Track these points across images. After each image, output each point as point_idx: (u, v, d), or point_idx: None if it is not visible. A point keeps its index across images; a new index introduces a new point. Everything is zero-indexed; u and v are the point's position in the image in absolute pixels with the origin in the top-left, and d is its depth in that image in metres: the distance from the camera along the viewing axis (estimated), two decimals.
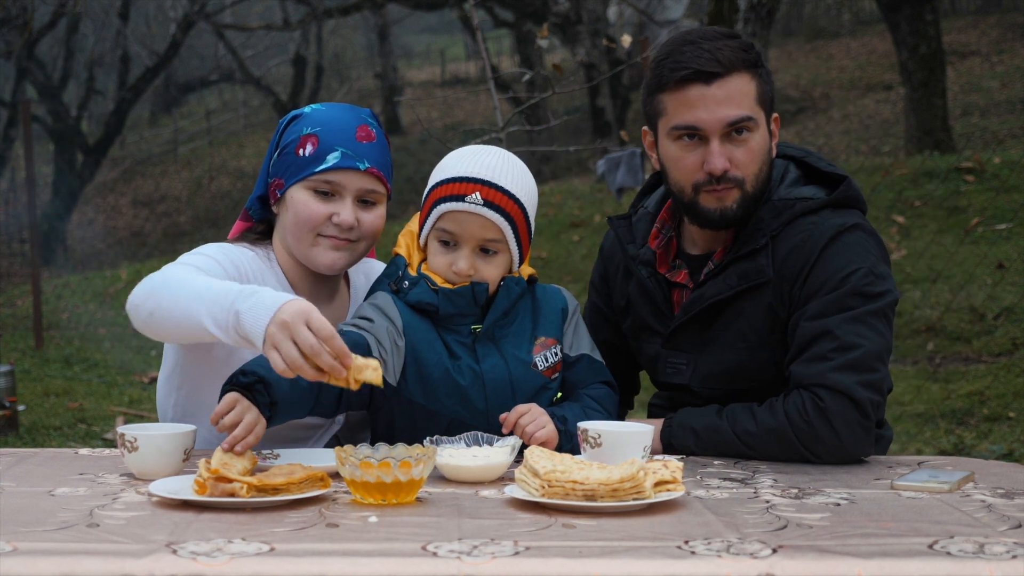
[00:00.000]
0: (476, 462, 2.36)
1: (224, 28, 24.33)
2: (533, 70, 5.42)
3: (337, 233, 2.67)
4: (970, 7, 25.67)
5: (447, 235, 2.57)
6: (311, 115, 2.70)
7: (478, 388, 2.58)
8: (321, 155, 2.65)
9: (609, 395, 2.70)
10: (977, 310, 8.87)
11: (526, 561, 1.80)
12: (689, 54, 2.64)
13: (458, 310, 2.58)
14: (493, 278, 2.60)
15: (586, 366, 2.71)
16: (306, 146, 2.66)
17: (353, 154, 2.65)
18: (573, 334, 2.72)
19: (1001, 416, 7.02)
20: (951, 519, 2.07)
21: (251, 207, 2.82)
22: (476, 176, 2.56)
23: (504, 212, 2.55)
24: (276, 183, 2.72)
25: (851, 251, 2.64)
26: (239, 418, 2.27)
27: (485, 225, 2.55)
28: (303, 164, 2.66)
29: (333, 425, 2.79)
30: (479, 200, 2.54)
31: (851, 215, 2.71)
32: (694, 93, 2.63)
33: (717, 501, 2.21)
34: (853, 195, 2.74)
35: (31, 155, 11.15)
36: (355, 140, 2.66)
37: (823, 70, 23.16)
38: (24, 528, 1.96)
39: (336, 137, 2.65)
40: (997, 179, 11.61)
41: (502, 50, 29.21)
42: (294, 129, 2.71)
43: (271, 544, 1.87)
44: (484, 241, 2.56)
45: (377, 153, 2.68)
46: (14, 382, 7.88)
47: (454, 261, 2.57)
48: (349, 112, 2.71)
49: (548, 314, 2.69)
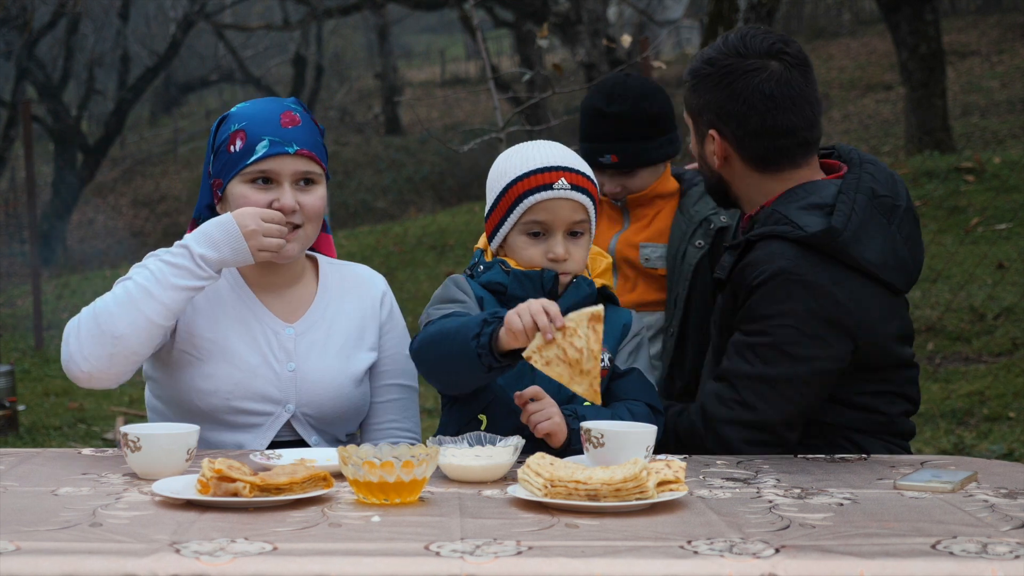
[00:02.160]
0: (479, 462, 2.36)
1: (224, 28, 24.31)
2: (533, 70, 5.42)
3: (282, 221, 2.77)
4: (970, 7, 25.66)
5: (537, 225, 2.69)
6: (237, 113, 2.83)
7: (527, 367, 2.52)
8: (251, 147, 2.76)
9: (648, 415, 2.66)
10: (977, 310, 8.87)
11: (529, 561, 1.80)
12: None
13: (526, 293, 2.64)
14: (582, 259, 2.73)
15: (634, 381, 2.72)
16: (236, 142, 2.78)
17: (280, 140, 2.76)
18: (630, 353, 2.76)
19: (1001, 416, 7.02)
20: (954, 519, 2.07)
21: (199, 216, 2.91)
22: (558, 164, 2.69)
23: (588, 193, 2.70)
24: (216, 183, 2.83)
25: (781, 298, 2.66)
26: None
27: (575, 208, 2.68)
28: (236, 159, 2.77)
29: (283, 414, 2.82)
30: (566, 185, 2.67)
31: (804, 263, 2.65)
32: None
33: (720, 501, 2.21)
34: (836, 246, 2.66)
35: (31, 155, 11.14)
36: (280, 127, 2.78)
37: (823, 70, 23.14)
38: (27, 528, 1.96)
39: (262, 128, 2.77)
40: (997, 179, 11.60)
41: (502, 50, 29.18)
42: (224, 129, 2.83)
43: (274, 544, 1.87)
44: (573, 224, 2.69)
45: (304, 135, 2.80)
46: (14, 382, 7.88)
47: (549, 248, 2.68)
48: (272, 103, 2.84)
49: (609, 326, 2.70)
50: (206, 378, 2.77)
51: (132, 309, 2.64)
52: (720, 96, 2.79)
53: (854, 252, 2.67)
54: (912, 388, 2.85)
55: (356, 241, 14.39)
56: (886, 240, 2.72)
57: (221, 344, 2.79)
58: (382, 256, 13.20)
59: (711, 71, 2.80)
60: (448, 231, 14.13)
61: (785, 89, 2.75)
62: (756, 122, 2.76)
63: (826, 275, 2.66)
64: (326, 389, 2.82)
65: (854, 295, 2.68)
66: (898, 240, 2.75)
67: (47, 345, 11.02)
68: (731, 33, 2.84)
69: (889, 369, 2.79)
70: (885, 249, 2.71)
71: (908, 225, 2.79)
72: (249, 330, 2.82)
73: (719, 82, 2.78)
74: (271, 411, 2.80)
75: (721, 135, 2.81)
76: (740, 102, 2.76)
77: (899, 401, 2.81)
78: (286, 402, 2.80)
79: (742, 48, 2.78)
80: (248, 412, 2.79)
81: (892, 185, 2.80)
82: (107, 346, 2.63)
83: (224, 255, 2.67)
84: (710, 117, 2.81)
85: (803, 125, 2.77)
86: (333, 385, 2.83)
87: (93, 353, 2.64)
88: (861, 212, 2.69)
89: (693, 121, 2.88)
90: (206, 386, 2.77)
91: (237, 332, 2.81)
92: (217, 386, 2.77)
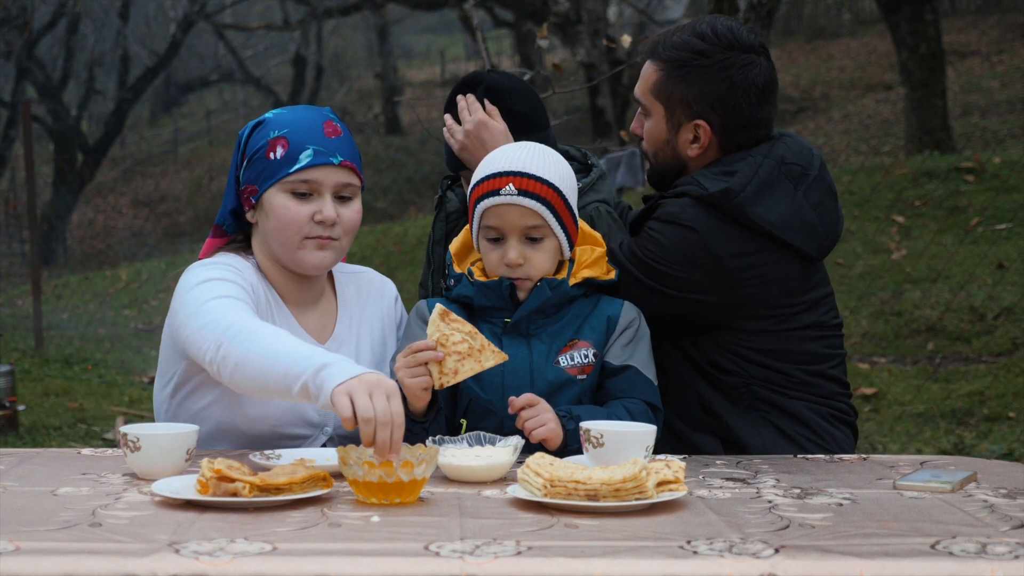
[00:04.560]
0: (478, 462, 2.36)
1: (224, 28, 24.32)
2: (533, 70, 5.41)
3: (321, 232, 2.70)
4: (970, 7, 25.66)
5: (493, 231, 2.69)
6: (274, 119, 2.74)
7: (497, 369, 2.59)
8: (294, 155, 2.68)
9: (644, 411, 2.67)
10: (977, 310, 8.87)
11: (528, 561, 1.80)
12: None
13: (491, 302, 2.70)
14: (543, 265, 2.70)
15: (630, 378, 2.71)
16: (276, 149, 2.68)
17: (325, 150, 2.69)
18: (623, 346, 2.74)
19: (1001, 416, 7.02)
20: (953, 519, 2.07)
21: (223, 222, 2.83)
22: (507, 169, 2.68)
23: (539, 198, 2.66)
24: (250, 190, 2.73)
25: (667, 232, 2.81)
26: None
27: (524, 213, 2.66)
28: (276, 167, 2.68)
29: (320, 436, 2.78)
30: (513, 191, 2.65)
31: (696, 213, 2.77)
32: None
33: (719, 501, 2.21)
34: (732, 205, 2.75)
35: (31, 155, 11.14)
36: (324, 136, 2.70)
37: (823, 70, 23.14)
38: (27, 528, 1.96)
39: (305, 136, 2.69)
40: (997, 179, 11.60)
41: (502, 50, 29.18)
42: (260, 135, 2.73)
43: (273, 544, 1.87)
44: (527, 229, 2.67)
45: (347, 146, 2.73)
46: (14, 382, 7.88)
47: (504, 254, 2.68)
48: (312, 112, 2.76)
49: (593, 320, 2.74)
50: (257, 406, 2.69)
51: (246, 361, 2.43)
52: (719, 87, 2.81)
53: (750, 212, 2.75)
54: (822, 343, 2.89)
55: (356, 241, 14.35)
56: (792, 204, 2.80)
57: None
58: (382, 256, 13.21)
59: (707, 62, 2.81)
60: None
61: (770, 82, 2.86)
62: (747, 114, 2.83)
63: (715, 230, 2.75)
64: None
65: (743, 252, 2.76)
66: (804, 206, 2.81)
67: (47, 345, 11.02)
68: (712, 24, 2.84)
69: (781, 334, 2.84)
70: (789, 212, 2.79)
71: (818, 193, 2.85)
72: None
73: (718, 74, 2.80)
74: (310, 434, 2.76)
75: (711, 124, 2.82)
76: (739, 94, 2.81)
77: (802, 356, 2.87)
78: (324, 425, 2.77)
79: (734, 41, 2.82)
80: (291, 437, 2.73)
81: (806, 156, 2.88)
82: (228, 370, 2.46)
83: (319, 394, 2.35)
84: (701, 107, 2.83)
85: (774, 116, 2.89)
86: None
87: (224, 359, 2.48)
88: (764, 175, 2.79)
89: (666, 107, 2.87)
90: (256, 413, 2.70)
91: None
92: (268, 413, 2.70)
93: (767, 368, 2.83)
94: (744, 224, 2.75)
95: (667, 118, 2.87)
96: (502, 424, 2.63)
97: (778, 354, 2.83)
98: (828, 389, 2.89)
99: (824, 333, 2.90)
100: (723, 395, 2.83)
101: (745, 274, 2.76)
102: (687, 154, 2.87)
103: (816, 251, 2.84)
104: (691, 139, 2.86)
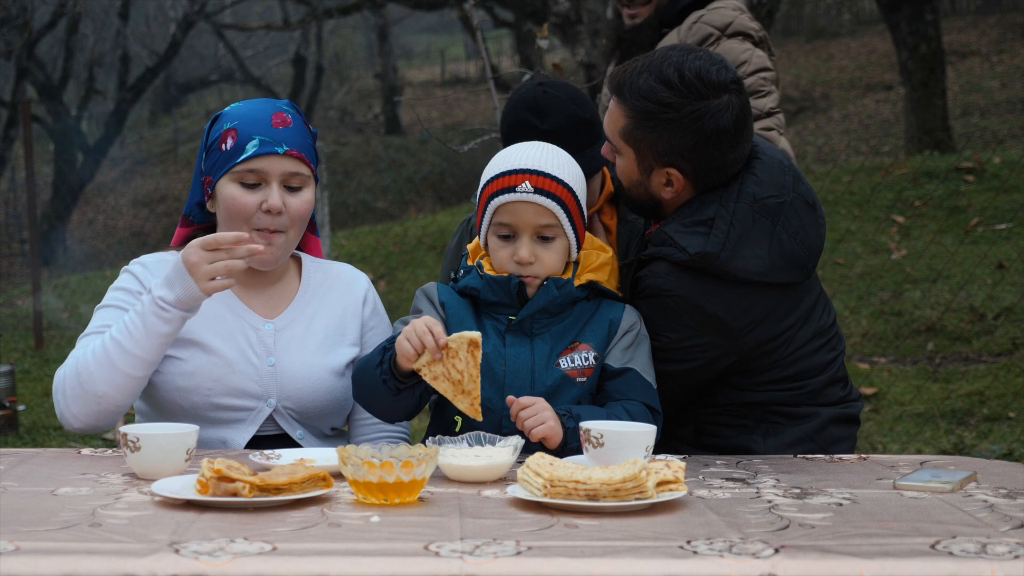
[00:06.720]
0: (478, 462, 2.36)
1: (224, 28, 24.31)
2: (533, 70, 5.41)
3: (268, 223, 2.78)
4: (970, 7, 25.67)
5: (505, 228, 2.70)
6: (230, 112, 2.85)
7: (499, 365, 2.66)
8: (241, 146, 2.78)
9: (644, 413, 2.67)
10: (977, 310, 8.86)
11: (528, 561, 1.80)
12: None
13: (497, 298, 2.71)
14: (553, 264, 2.71)
15: (630, 381, 2.72)
16: (227, 140, 2.80)
17: (271, 140, 2.78)
18: (624, 350, 2.75)
19: (1001, 416, 7.03)
20: (953, 519, 2.07)
21: (190, 212, 2.93)
22: (524, 167, 2.69)
23: (555, 197, 2.68)
24: (207, 180, 2.84)
25: (662, 313, 2.79)
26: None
27: (539, 212, 2.68)
28: (226, 157, 2.79)
29: (265, 408, 2.83)
30: (530, 189, 2.67)
31: (682, 283, 2.74)
32: None
33: (719, 501, 2.21)
34: (714, 267, 2.73)
35: (31, 155, 11.14)
36: (271, 127, 2.79)
37: (823, 70, 23.14)
38: (27, 528, 1.96)
39: (253, 127, 2.79)
40: (997, 179, 11.60)
41: (502, 50, 29.19)
42: (216, 127, 2.85)
43: (273, 544, 1.87)
44: (540, 228, 2.69)
45: (295, 136, 2.81)
46: (14, 382, 7.88)
47: (515, 251, 2.69)
48: (265, 104, 2.85)
49: (595, 323, 2.75)
50: (186, 376, 2.80)
51: (110, 367, 2.67)
52: (689, 139, 2.73)
53: (732, 268, 2.73)
54: (821, 374, 2.91)
55: (356, 241, 14.38)
56: (772, 244, 2.76)
57: (199, 342, 2.81)
58: (382, 256, 13.19)
59: (675, 116, 2.72)
60: (448, 231, 14.11)
61: (741, 120, 2.77)
62: (719, 158, 2.77)
63: (702, 292, 2.74)
64: (306, 383, 2.84)
65: (735, 304, 2.75)
66: (785, 239, 2.78)
67: (47, 345, 11.02)
68: (679, 67, 2.73)
69: (790, 357, 2.85)
70: (771, 253, 2.76)
71: (796, 217, 2.81)
72: (227, 327, 2.84)
73: (688, 126, 2.72)
74: (252, 406, 2.82)
75: (683, 172, 2.78)
76: (711, 143, 2.73)
77: (810, 378, 2.88)
78: (267, 396, 2.83)
79: (702, 88, 2.72)
80: (229, 408, 2.81)
81: (777, 182, 2.82)
82: (92, 404, 2.70)
83: (179, 293, 2.64)
84: (672, 158, 2.76)
85: (748, 147, 2.83)
86: (313, 379, 2.84)
87: (81, 411, 2.71)
88: (740, 225, 2.75)
89: (637, 152, 2.80)
90: (186, 384, 2.80)
91: (215, 330, 2.82)
92: (197, 383, 2.79)
93: (781, 391, 2.85)
94: (727, 279, 2.74)
95: (638, 162, 2.81)
96: (501, 423, 2.63)
97: (791, 378, 2.85)
98: (836, 395, 2.92)
99: (826, 338, 2.90)
100: (737, 426, 2.87)
101: (742, 321, 2.76)
102: (661, 196, 2.83)
103: (803, 276, 2.83)
104: (664, 182, 2.80)
